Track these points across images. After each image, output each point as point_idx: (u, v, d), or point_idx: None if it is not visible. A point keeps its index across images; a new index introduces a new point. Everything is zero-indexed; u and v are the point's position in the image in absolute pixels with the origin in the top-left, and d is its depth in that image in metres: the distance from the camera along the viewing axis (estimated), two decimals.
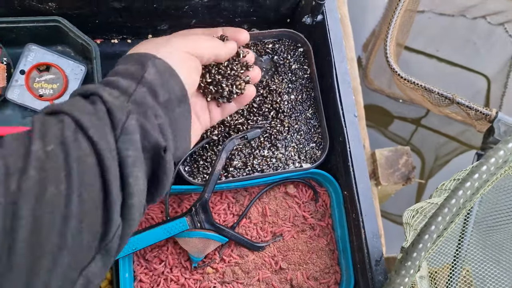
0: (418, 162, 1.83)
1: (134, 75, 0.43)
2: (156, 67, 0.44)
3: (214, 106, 0.60)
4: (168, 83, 0.45)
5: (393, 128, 1.85)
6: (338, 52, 0.70)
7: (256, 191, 0.72)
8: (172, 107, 0.45)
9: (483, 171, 0.45)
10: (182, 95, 0.47)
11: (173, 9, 0.74)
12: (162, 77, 0.44)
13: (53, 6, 0.70)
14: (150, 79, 0.43)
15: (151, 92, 0.43)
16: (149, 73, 0.44)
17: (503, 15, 1.67)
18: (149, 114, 0.42)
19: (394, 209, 1.77)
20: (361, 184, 0.64)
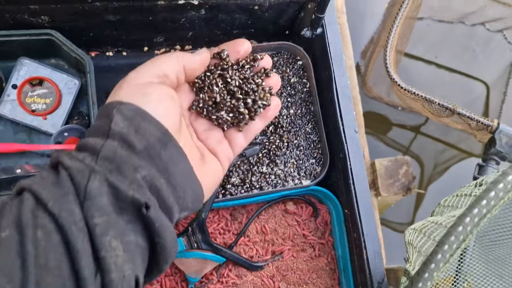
0: (417, 168, 1.82)
1: (101, 130, 0.38)
2: (122, 114, 0.38)
3: (234, 132, 0.49)
4: (141, 127, 0.38)
5: (392, 135, 1.83)
6: (338, 66, 0.68)
7: (254, 208, 0.71)
8: (157, 153, 0.38)
9: (491, 197, 0.43)
10: (163, 135, 0.39)
11: (170, 21, 0.73)
12: (133, 122, 0.38)
13: (46, 20, 0.68)
14: (118, 130, 0.37)
15: (124, 143, 0.37)
16: (115, 123, 0.37)
17: (502, 22, 1.66)
18: (125, 169, 0.36)
19: (393, 217, 1.76)
20: (362, 203, 0.63)
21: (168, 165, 0.39)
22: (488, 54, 1.82)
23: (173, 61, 0.43)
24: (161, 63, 0.42)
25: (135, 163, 0.36)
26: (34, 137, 0.74)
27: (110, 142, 0.36)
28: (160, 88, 0.41)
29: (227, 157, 0.49)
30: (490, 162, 1.02)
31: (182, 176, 0.40)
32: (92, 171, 0.34)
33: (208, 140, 0.48)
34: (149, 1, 0.66)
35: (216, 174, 0.46)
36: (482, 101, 1.83)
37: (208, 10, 0.71)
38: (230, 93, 0.47)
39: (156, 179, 0.37)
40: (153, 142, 0.38)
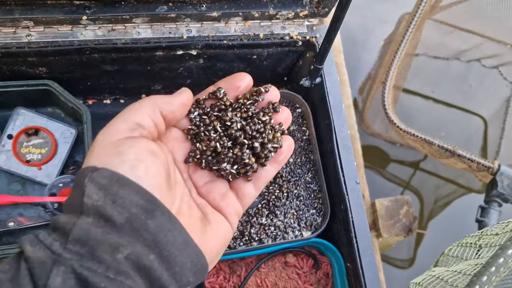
0: (417, 203, 1.80)
1: (74, 205, 0.32)
2: (95, 183, 0.32)
3: (242, 182, 0.41)
4: (120, 197, 0.32)
5: (392, 170, 1.82)
6: (338, 116, 0.67)
7: (254, 261, 0.69)
8: (142, 224, 0.32)
9: (500, 264, 0.42)
10: (149, 201, 0.33)
11: (168, 70, 0.72)
12: (109, 191, 0.32)
13: (44, 71, 0.68)
14: (92, 203, 0.31)
15: (101, 219, 0.31)
16: (88, 195, 0.32)
17: (497, 58, 1.68)
18: (101, 251, 0.30)
19: (394, 253, 1.73)
20: (365, 257, 0.61)
21: (158, 237, 0.33)
22: (484, 89, 1.84)
23: (146, 108, 0.36)
24: (132, 113, 0.36)
25: (115, 241, 0.31)
26: (29, 188, 0.72)
27: (84, 219, 0.31)
28: (136, 144, 0.34)
29: (236, 212, 0.41)
30: (493, 204, 1.00)
31: (177, 247, 0.34)
32: (56, 262, 0.29)
33: (210, 194, 0.41)
34: (147, 52, 0.66)
35: (222, 235, 0.39)
36: (480, 136, 1.83)
37: (207, 60, 0.70)
38: (232, 139, 0.40)
39: (144, 257, 0.31)
40: (137, 212, 0.32)
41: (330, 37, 0.59)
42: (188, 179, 0.40)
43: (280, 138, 0.41)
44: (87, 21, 0.62)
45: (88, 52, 0.64)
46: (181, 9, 0.63)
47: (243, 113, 0.40)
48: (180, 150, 0.40)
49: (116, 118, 0.35)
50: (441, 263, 0.74)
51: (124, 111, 0.36)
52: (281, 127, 0.41)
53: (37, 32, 0.62)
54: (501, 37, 1.57)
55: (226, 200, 0.41)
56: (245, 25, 0.68)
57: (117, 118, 0.35)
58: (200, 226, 0.38)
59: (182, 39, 0.66)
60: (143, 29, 0.65)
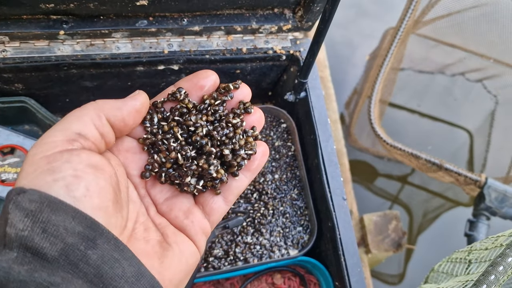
0: (406, 217, 1.79)
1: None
2: (21, 208, 0.26)
3: (210, 195, 0.36)
4: (51, 224, 0.26)
5: (379, 184, 1.82)
6: (323, 130, 0.66)
7: (240, 280, 0.66)
8: (81, 255, 0.27)
9: (491, 281, 0.40)
10: (89, 228, 0.27)
11: (149, 86, 0.71)
12: (38, 218, 0.26)
13: (20, 87, 0.66)
14: (16, 233, 0.26)
15: (27, 252, 0.26)
16: (11, 224, 0.26)
17: (481, 72, 1.70)
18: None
19: (384, 268, 1.71)
20: (354, 276, 0.59)
21: (102, 270, 0.27)
22: (469, 102, 1.85)
23: (90, 114, 0.30)
24: (72, 120, 0.30)
25: (44, 280, 0.25)
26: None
27: (5, 254, 0.25)
28: (75, 158, 0.28)
29: (202, 231, 0.35)
30: (481, 217, 1.00)
31: (127, 279, 0.28)
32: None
33: (172, 212, 0.35)
34: (127, 67, 0.65)
35: (186, 261, 0.34)
36: (466, 149, 1.84)
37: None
38: (197, 147, 0.34)
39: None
40: (74, 242, 0.27)
41: (313, 50, 0.58)
42: (145, 196, 0.34)
43: (254, 144, 0.35)
44: (65, 36, 0.60)
45: (66, 68, 0.62)
46: (162, 23, 0.62)
47: (209, 116, 0.34)
48: (134, 163, 0.34)
49: (52, 128, 0.29)
50: (431, 279, 0.73)
51: (63, 119, 0.30)
52: (254, 131, 0.36)
53: (12, 48, 0.60)
54: (484, 51, 1.59)
55: (190, 217, 0.35)
56: (228, 39, 0.67)
57: (53, 128, 0.29)
58: (159, 252, 0.32)
59: (163, 54, 0.64)
60: (122, 44, 0.63)
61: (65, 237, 0.27)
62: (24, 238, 0.26)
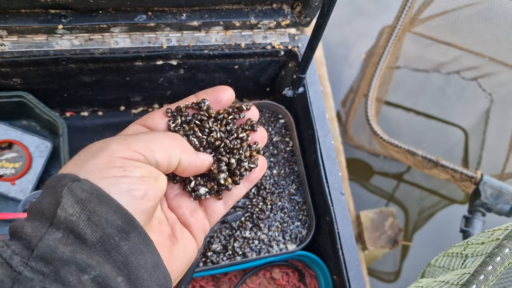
0: (402, 215, 1.80)
1: (45, 214, 0.30)
2: (74, 195, 0.30)
3: (212, 199, 0.42)
4: (96, 214, 0.30)
5: (376, 182, 1.82)
6: (321, 126, 0.66)
7: (238, 275, 0.66)
8: (114, 245, 0.31)
9: (489, 272, 0.41)
10: (127, 222, 0.32)
11: (147, 81, 0.71)
12: (86, 207, 0.30)
13: (18, 82, 0.65)
14: (65, 216, 0.29)
15: (71, 235, 0.29)
16: (63, 207, 0.30)
17: (476, 70, 1.72)
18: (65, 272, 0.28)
19: (380, 266, 1.72)
20: (352, 269, 0.59)
21: (129, 259, 0.31)
22: (464, 101, 1.87)
23: (173, 151, 0.36)
24: (160, 145, 0.35)
25: (83, 262, 0.29)
26: (1, 204, 0.69)
27: (52, 233, 0.29)
28: (147, 169, 0.33)
29: (203, 229, 0.41)
30: (476, 214, 1.00)
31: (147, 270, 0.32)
32: (16, 282, 0.26)
33: (180, 209, 0.40)
34: (125, 62, 0.65)
35: (188, 255, 0.38)
36: (461, 147, 1.85)
37: (187, 70, 0.69)
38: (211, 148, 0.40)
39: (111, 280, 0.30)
40: (111, 233, 0.31)
41: (312, 45, 0.58)
42: None
43: (257, 158, 0.41)
44: (63, 30, 0.60)
45: (64, 62, 0.62)
46: (161, 18, 0.62)
47: (221, 127, 0.40)
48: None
49: (138, 139, 0.34)
50: (427, 274, 0.73)
51: (151, 139, 0.35)
52: (258, 147, 0.41)
53: (10, 42, 0.60)
54: (479, 50, 1.60)
55: (194, 216, 0.40)
56: (226, 35, 0.67)
57: (138, 139, 0.34)
58: (169, 244, 0.36)
59: (161, 48, 0.64)
60: (121, 38, 0.63)
61: (105, 228, 0.30)
62: (71, 222, 0.29)
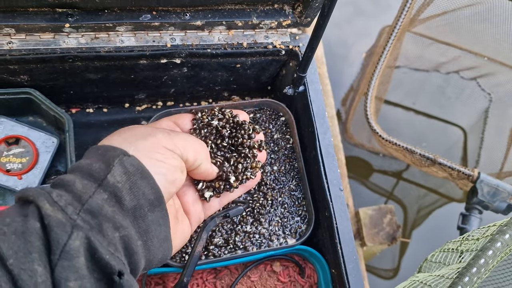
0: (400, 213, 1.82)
1: (95, 176, 0.35)
2: (124, 167, 0.36)
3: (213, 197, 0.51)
4: (137, 186, 0.36)
5: (375, 180, 1.84)
6: (321, 123, 0.68)
7: (239, 269, 0.68)
8: (143, 214, 0.37)
9: (481, 265, 0.42)
10: (156, 199, 0.38)
11: (152, 79, 0.72)
12: (131, 178, 0.36)
13: (25, 79, 0.67)
14: (113, 182, 0.35)
15: (114, 198, 0.35)
16: (113, 174, 0.35)
17: (475, 70, 1.73)
18: (106, 227, 0.33)
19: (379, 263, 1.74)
20: (350, 264, 0.61)
21: (150, 229, 0.37)
22: (463, 100, 1.88)
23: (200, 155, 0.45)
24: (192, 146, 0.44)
25: (118, 222, 0.34)
26: (8, 198, 0.71)
27: (100, 193, 0.34)
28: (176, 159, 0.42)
29: (198, 219, 0.49)
30: (473, 211, 1.02)
31: (160, 240, 0.39)
32: (75, 227, 0.31)
33: (185, 197, 0.48)
34: (130, 60, 0.66)
35: (184, 236, 0.46)
36: (460, 146, 1.87)
37: (191, 68, 0.71)
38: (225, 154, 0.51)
39: (133, 242, 0.35)
40: (143, 204, 0.37)
41: (312, 45, 0.60)
42: None
43: (257, 171, 0.52)
44: (70, 29, 0.62)
45: (70, 60, 0.64)
46: (165, 17, 0.64)
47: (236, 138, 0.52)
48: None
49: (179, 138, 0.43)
50: (424, 269, 0.75)
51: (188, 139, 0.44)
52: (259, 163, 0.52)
53: (18, 40, 0.61)
54: (478, 50, 1.61)
55: (195, 206, 0.48)
56: (229, 34, 0.68)
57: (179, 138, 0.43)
58: (173, 224, 0.43)
59: (166, 47, 0.66)
60: (126, 37, 0.65)
61: (140, 199, 0.36)
62: (117, 188, 0.35)
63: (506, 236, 0.43)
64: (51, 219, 0.31)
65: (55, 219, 0.31)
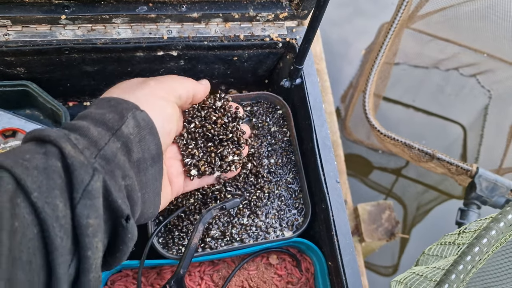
0: (400, 210, 1.82)
1: (109, 125, 0.37)
2: (136, 120, 0.39)
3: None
4: (145, 140, 0.39)
5: (374, 177, 1.84)
6: (318, 116, 0.68)
7: (236, 261, 0.68)
8: (145, 167, 0.40)
9: (475, 253, 0.42)
10: (157, 154, 0.41)
11: (148, 72, 0.72)
12: (141, 133, 0.39)
13: (22, 71, 0.67)
14: (127, 133, 0.38)
15: (125, 149, 0.37)
16: (127, 126, 0.38)
17: (475, 67, 1.73)
18: (117, 174, 0.36)
19: (378, 260, 1.74)
20: (346, 256, 0.61)
21: (149, 182, 0.40)
22: (463, 97, 1.88)
23: (189, 87, 0.49)
24: (180, 84, 0.48)
25: (127, 172, 0.37)
26: None
27: (114, 142, 0.37)
28: (174, 108, 0.46)
29: (177, 192, 0.53)
30: (472, 206, 1.02)
31: (154, 195, 0.42)
32: (96, 170, 0.34)
33: (171, 169, 0.52)
34: (127, 52, 0.66)
35: (166, 199, 0.49)
36: (459, 144, 1.87)
37: (187, 61, 0.71)
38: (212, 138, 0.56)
39: (135, 192, 0.38)
40: (147, 157, 0.40)
41: (309, 36, 0.60)
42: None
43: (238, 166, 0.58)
44: (66, 20, 0.62)
45: (67, 52, 0.64)
46: (161, 9, 0.63)
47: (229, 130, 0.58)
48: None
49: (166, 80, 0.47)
50: (421, 262, 0.75)
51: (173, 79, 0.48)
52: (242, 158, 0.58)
53: (15, 31, 0.61)
54: (478, 46, 1.61)
55: (178, 178, 0.52)
56: (226, 27, 0.68)
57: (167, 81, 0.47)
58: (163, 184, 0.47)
59: (162, 39, 0.66)
60: (123, 29, 0.65)
61: (145, 152, 0.39)
62: (129, 139, 0.38)
63: (500, 224, 0.43)
64: (75, 160, 0.32)
65: (78, 160, 0.33)
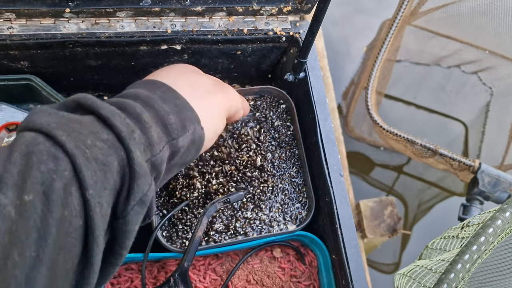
0: (401, 208, 1.82)
1: (169, 130, 0.39)
2: (193, 137, 0.41)
3: None
4: (188, 152, 0.41)
5: (376, 175, 1.84)
6: (322, 109, 0.68)
7: (240, 255, 0.68)
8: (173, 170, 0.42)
9: (481, 242, 0.42)
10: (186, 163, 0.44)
11: (152, 66, 0.72)
12: (190, 148, 0.41)
13: (26, 65, 0.67)
14: (180, 146, 0.39)
15: (170, 157, 0.39)
16: (184, 139, 0.40)
17: (477, 64, 1.73)
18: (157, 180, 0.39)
19: (380, 257, 1.74)
20: (350, 249, 0.61)
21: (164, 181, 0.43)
22: (464, 94, 1.88)
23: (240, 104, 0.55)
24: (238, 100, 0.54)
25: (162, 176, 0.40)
26: None
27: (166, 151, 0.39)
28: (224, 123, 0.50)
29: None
30: (474, 202, 1.02)
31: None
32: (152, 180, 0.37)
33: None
34: (131, 46, 0.66)
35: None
36: (461, 141, 1.87)
37: (191, 55, 0.71)
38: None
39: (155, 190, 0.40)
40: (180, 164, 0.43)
41: (313, 30, 0.60)
42: None
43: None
44: (70, 14, 0.62)
45: (71, 46, 0.64)
46: (165, 3, 0.63)
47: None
48: None
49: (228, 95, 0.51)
50: (425, 256, 0.75)
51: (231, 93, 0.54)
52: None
53: (19, 25, 0.61)
54: (480, 43, 1.61)
55: None
56: (229, 20, 0.68)
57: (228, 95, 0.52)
58: None
59: (166, 33, 0.66)
60: (127, 23, 0.65)
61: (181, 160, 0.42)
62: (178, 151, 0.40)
63: (506, 214, 0.43)
64: (141, 168, 0.33)
65: (144, 169, 0.34)
